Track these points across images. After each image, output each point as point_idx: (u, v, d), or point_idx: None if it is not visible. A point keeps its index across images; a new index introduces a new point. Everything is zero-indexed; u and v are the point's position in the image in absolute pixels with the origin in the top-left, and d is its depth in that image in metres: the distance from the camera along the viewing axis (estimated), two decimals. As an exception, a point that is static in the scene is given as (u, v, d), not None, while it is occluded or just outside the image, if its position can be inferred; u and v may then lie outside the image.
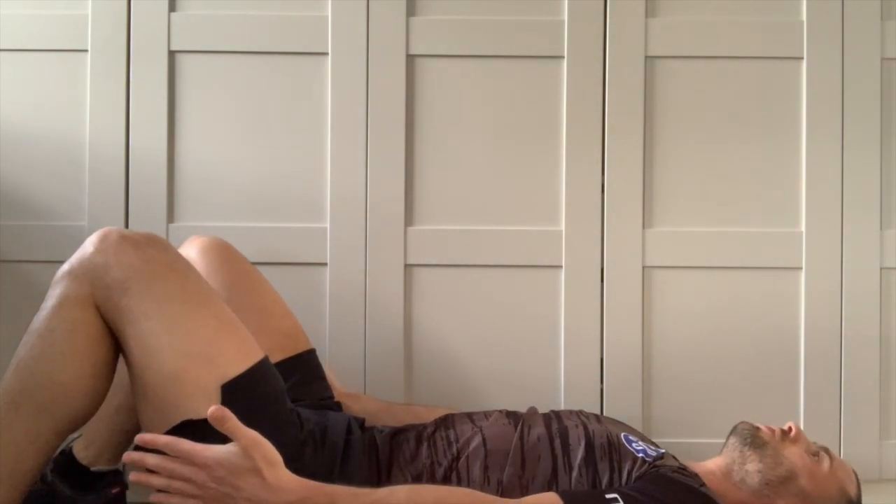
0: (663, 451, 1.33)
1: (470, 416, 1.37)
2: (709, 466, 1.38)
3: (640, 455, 1.28)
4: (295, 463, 1.21)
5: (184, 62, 1.68)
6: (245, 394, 1.20)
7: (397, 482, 1.26)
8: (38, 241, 1.66)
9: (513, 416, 1.37)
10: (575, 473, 1.26)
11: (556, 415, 1.38)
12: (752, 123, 1.69)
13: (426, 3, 1.69)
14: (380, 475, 1.28)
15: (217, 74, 1.68)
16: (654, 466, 1.26)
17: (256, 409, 1.21)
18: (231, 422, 1.08)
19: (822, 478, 1.35)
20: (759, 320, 1.69)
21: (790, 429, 1.41)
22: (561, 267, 1.68)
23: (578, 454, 1.28)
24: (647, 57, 1.68)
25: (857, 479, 1.41)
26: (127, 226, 1.66)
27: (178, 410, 1.17)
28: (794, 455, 1.37)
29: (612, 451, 1.28)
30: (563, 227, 1.68)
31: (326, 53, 1.68)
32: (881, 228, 1.68)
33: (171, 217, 1.67)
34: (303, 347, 1.50)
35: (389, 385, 1.66)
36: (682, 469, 1.28)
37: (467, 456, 1.28)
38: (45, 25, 1.67)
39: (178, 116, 1.68)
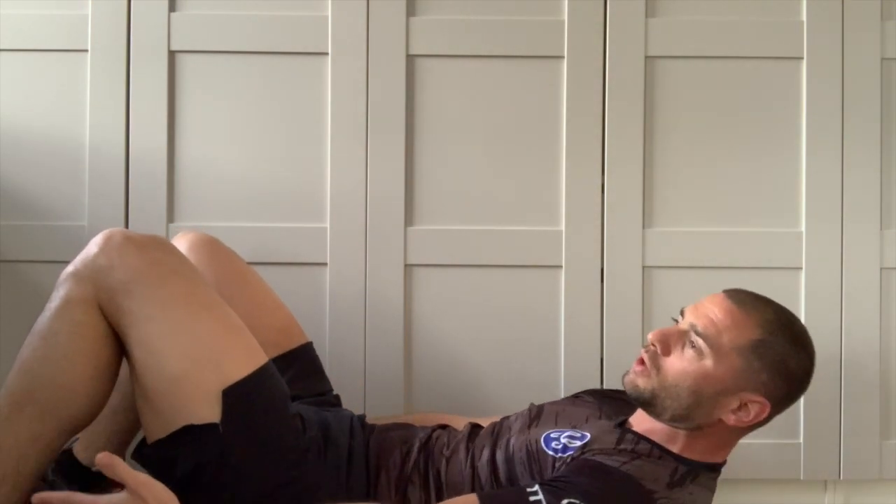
0: (587, 436, 1.24)
1: (452, 435, 1.34)
2: (657, 429, 1.24)
3: (558, 454, 1.22)
4: (296, 470, 1.21)
5: (184, 62, 1.68)
6: (246, 399, 1.20)
7: (383, 487, 1.27)
8: (38, 241, 1.66)
9: (473, 438, 1.33)
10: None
11: (501, 429, 1.33)
12: (752, 123, 1.69)
13: (426, 3, 1.69)
14: (368, 478, 1.28)
15: (217, 74, 1.68)
16: (573, 458, 1.20)
17: (257, 415, 1.21)
18: (119, 467, 1.08)
19: (711, 371, 1.19)
20: (759, 320, 1.68)
21: (652, 345, 1.23)
22: (561, 267, 1.68)
23: (502, 476, 1.25)
24: (647, 57, 1.68)
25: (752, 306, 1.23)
26: (127, 226, 1.65)
27: (179, 415, 1.17)
28: (675, 370, 1.21)
29: (531, 461, 1.24)
30: (563, 227, 1.68)
31: (326, 53, 1.68)
32: (881, 228, 1.68)
33: (171, 217, 1.67)
34: (297, 342, 1.49)
35: (389, 385, 1.66)
36: (606, 450, 1.20)
37: (446, 479, 1.27)
38: (45, 25, 1.66)
39: (178, 116, 1.68)
